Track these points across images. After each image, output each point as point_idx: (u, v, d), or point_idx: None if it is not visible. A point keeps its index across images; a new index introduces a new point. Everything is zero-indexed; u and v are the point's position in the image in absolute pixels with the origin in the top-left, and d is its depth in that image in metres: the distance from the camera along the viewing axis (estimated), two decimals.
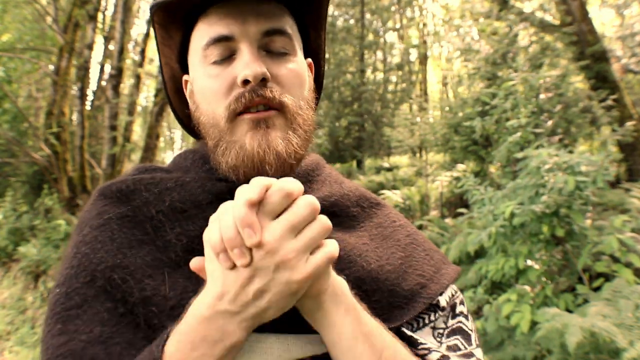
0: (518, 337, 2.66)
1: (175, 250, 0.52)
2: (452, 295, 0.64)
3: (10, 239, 8.40)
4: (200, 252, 0.51)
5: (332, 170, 0.72)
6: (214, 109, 0.57)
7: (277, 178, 0.54)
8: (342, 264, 0.56)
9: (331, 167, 0.73)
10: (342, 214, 0.64)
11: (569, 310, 2.61)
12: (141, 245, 0.52)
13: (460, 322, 0.64)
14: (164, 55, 0.65)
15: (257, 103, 0.55)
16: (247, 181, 0.54)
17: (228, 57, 0.57)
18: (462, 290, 3.63)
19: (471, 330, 0.64)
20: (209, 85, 0.57)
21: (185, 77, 0.66)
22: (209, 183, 0.58)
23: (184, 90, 0.67)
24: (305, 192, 0.59)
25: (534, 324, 2.55)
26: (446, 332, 0.62)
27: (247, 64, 0.54)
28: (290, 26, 0.60)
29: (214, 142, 0.58)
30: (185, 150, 0.69)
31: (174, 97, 0.70)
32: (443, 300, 0.62)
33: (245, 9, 0.56)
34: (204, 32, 0.58)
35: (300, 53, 0.62)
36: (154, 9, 0.57)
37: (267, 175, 0.54)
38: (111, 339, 0.45)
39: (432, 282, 0.61)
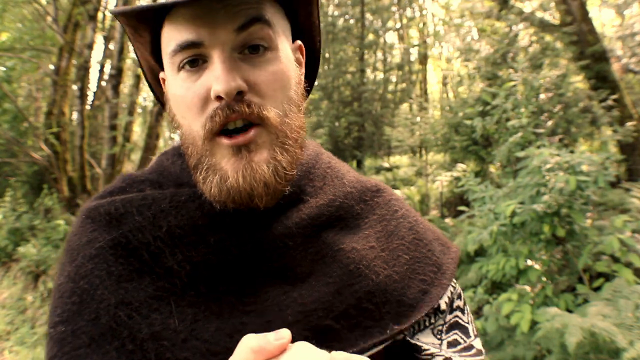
0: (518, 337, 2.66)
1: (179, 276, 0.49)
2: (451, 293, 0.64)
3: (10, 239, 8.40)
4: (205, 279, 0.50)
5: (330, 159, 0.68)
6: (189, 124, 0.52)
7: (269, 207, 0.53)
8: (352, 278, 0.54)
9: (329, 156, 0.70)
10: (347, 215, 0.61)
11: (569, 310, 2.61)
12: (141, 276, 0.49)
13: (457, 316, 0.64)
14: (139, 50, 0.60)
15: (235, 119, 0.49)
16: (236, 208, 0.52)
17: (200, 62, 0.50)
18: (462, 290, 3.62)
19: (467, 323, 0.65)
20: (181, 96, 0.52)
21: (161, 74, 0.61)
22: (207, 202, 0.53)
23: (163, 87, 0.62)
24: (309, 194, 0.59)
25: (534, 324, 2.55)
26: (445, 327, 0.62)
27: (218, 78, 0.47)
28: (270, 12, 0.52)
29: (194, 160, 0.53)
30: (172, 152, 0.63)
31: (154, 83, 0.66)
32: (443, 303, 0.62)
33: (214, 7, 0.48)
34: (171, 36, 0.51)
35: (284, 42, 0.55)
36: (115, 14, 0.52)
37: (259, 203, 0.51)
38: None
39: (434, 285, 0.59)
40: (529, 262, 2.89)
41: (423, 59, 15.02)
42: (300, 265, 0.54)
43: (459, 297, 0.66)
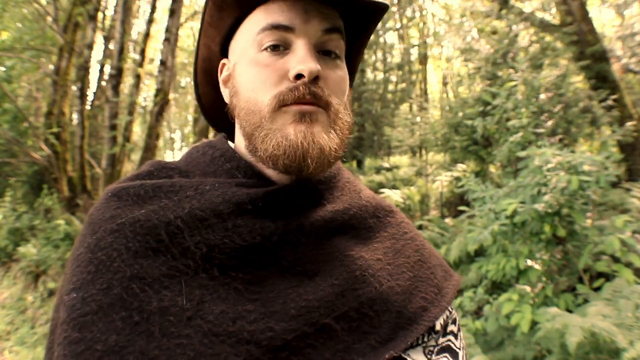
0: (518, 337, 2.66)
1: (194, 258, 0.51)
2: (446, 317, 0.66)
3: (10, 239, 8.41)
4: (220, 262, 0.52)
5: (350, 176, 0.73)
6: (257, 96, 0.57)
7: (316, 173, 0.58)
8: (356, 284, 0.57)
9: (349, 172, 0.74)
10: (359, 225, 0.65)
11: (569, 310, 2.61)
12: (157, 254, 0.50)
13: (450, 340, 0.66)
14: (206, 36, 0.65)
15: (309, 100, 0.55)
16: (285, 172, 0.57)
17: (282, 48, 0.57)
18: (462, 291, 3.63)
19: (459, 349, 0.67)
20: (257, 73, 0.57)
21: (223, 60, 0.66)
22: (229, 191, 0.57)
23: (219, 74, 0.67)
24: (327, 199, 0.63)
25: (534, 324, 2.55)
26: (436, 349, 0.64)
27: (303, 59, 0.54)
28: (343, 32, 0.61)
29: (252, 127, 0.57)
30: (203, 144, 0.67)
31: (202, 80, 0.70)
32: (438, 324, 0.64)
33: (308, 7, 0.56)
34: (261, 18, 0.57)
35: (344, 61, 0.63)
36: None
37: (307, 168, 0.55)
38: (125, 349, 0.45)
39: (433, 305, 0.62)
40: (529, 262, 2.89)
41: (423, 59, 15.03)
42: (309, 263, 0.56)
43: (454, 322, 0.68)
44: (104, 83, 10.91)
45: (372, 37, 14.48)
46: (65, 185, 9.18)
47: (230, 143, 0.67)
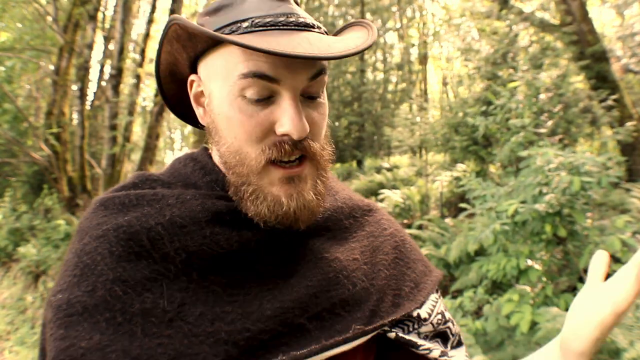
0: (518, 337, 2.66)
1: (174, 262, 0.53)
2: (433, 307, 0.69)
3: (10, 239, 8.41)
4: (197, 267, 0.54)
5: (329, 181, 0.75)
6: (242, 147, 0.56)
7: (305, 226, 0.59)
8: (329, 285, 0.59)
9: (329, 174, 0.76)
10: (335, 227, 0.67)
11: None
12: (139, 258, 0.53)
13: (442, 329, 0.70)
14: (172, 46, 0.60)
15: (296, 155, 0.55)
16: (273, 226, 0.57)
17: (267, 98, 0.54)
18: (462, 291, 3.63)
19: (452, 335, 0.71)
20: (240, 123, 0.55)
21: (193, 77, 0.62)
22: (209, 202, 0.58)
23: (188, 87, 0.64)
24: None
25: (534, 324, 2.55)
26: (431, 334, 0.68)
27: (292, 121, 0.53)
28: None
29: (238, 178, 0.57)
30: (185, 156, 0.68)
31: (166, 78, 0.67)
32: (424, 312, 0.67)
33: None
34: (242, 59, 0.53)
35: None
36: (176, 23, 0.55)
37: (298, 227, 0.57)
38: (108, 347, 0.47)
39: (408, 299, 0.65)
40: (530, 262, 2.89)
41: (423, 59, 15.02)
42: (284, 266, 0.58)
43: (440, 312, 0.70)
44: (104, 83, 10.90)
45: None
46: (65, 185, 9.18)
47: (213, 154, 0.66)
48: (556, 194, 2.72)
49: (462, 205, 3.54)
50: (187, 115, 0.72)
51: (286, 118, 0.53)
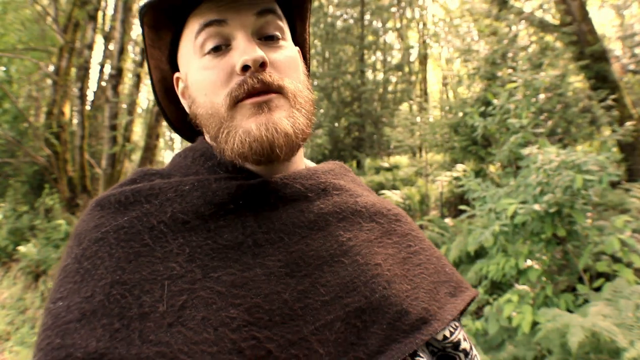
0: (519, 337, 2.66)
1: (177, 260, 0.51)
2: (454, 328, 0.64)
3: (10, 239, 8.41)
4: (201, 264, 0.51)
5: (355, 178, 0.73)
6: (212, 99, 0.57)
7: (288, 158, 0.57)
8: (345, 291, 0.54)
9: (353, 176, 0.73)
10: (353, 228, 0.62)
11: (569, 311, 2.61)
12: (138, 258, 0.51)
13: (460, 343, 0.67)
14: (153, 58, 0.65)
15: (258, 90, 0.55)
16: (257, 164, 0.56)
17: (223, 47, 0.57)
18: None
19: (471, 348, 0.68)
20: (206, 77, 0.57)
21: (176, 74, 0.66)
22: (209, 192, 0.56)
23: (176, 89, 0.67)
24: (313, 197, 0.61)
25: (534, 324, 2.56)
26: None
27: (244, 50, 0.55)
28: (280, 12, 0.61)
29: (214, 130, 0.57)
30: (185, 149, 0.67)
31: (163, 100, 0.70)
32: (447, 332, 0.63)
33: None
34: (195, 23, 0.58)
35: (291, 41, 0.63)
36: (145, 10, 0.58)
37: (278, 157, 0.55)
38: (104, 356, 0.45)
39: (436, 318, 0.59)
40: (529, 262, 2.89)
41: (423, 59, 15.02)
42: (295, 264, 0.54)
43: (465, 339, 0.67)
44: (104, 83, 10.90)
45: (372, 37, 14.30)
46: (66, 185, 9.18)
47: (208, 140, 0.66)
48: (556, 193, 2.72)
49: (462, 207, 3.54)
50: (191, 135, 0.73)
51: (239, 50, 0.55)
